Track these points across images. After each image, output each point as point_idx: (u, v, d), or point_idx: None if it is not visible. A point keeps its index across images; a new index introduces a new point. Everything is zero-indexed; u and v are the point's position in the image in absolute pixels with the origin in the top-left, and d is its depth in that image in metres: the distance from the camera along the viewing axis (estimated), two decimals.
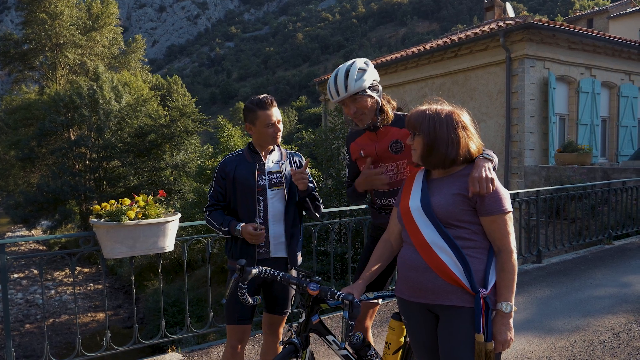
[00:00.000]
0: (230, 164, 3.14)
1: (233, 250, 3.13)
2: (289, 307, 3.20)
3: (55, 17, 35.97)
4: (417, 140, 2.32)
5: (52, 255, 5.49)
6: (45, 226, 33.25)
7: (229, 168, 3.13)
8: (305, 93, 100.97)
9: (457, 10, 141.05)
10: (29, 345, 16.63)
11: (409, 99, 17.58)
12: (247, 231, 2.98)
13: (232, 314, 3.09)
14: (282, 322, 3.23)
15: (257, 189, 3.07)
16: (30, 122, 32.43)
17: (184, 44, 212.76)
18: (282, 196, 3.14)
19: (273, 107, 3.07)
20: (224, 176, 3.14)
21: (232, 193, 3.13)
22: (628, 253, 8.01)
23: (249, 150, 3.19)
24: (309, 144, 18.70)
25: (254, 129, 3.10)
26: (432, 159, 2.29)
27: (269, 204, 3.10)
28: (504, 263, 2.20)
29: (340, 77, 2.80)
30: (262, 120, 3.04)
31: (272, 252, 3.10)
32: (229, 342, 3.13)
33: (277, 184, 3.13)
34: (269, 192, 3.11)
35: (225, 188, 3.15)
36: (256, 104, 3.06)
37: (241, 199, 3.10)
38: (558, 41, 14.99)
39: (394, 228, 2.54)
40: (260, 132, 3.08)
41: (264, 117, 3.04)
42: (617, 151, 17.34)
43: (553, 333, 4.72)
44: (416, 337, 2.42)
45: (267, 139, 3.10)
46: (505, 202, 2.22)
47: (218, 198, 3.18)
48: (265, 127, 3.05)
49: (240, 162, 3.14)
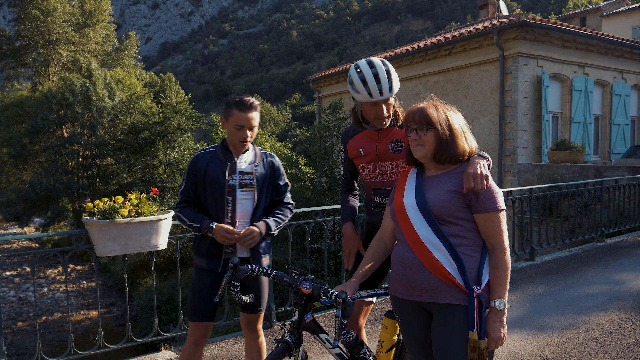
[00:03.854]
0: (202, 160, 3.07)
1: (200, 248, 3.09)
2: (264, 304, 3.19)
3: (48, 13, 35.73)
4: (430, 135, 2.29)
5: (44, 253, 5.47)
6: (37, 224, 33.07)
7: (200, 164, 3.06)
8: (299, 90, 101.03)
9: (451, 8, 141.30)
10: (21, 343, 16.55)
11: (403, 97, 17.58)
12: (222, 230, 2.93)
13: (195, 311, 3.08)
14: (259, 319, 3.21)
15: (226, 189, 3.03)
16: (22, 119, 32.25)
17: (178, 41, 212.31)
18: (252, 198, 3.09)
19: (251, 112, 2.99)
20: (195, 172, 3.07)
21: (203, 190, 3.07)
22: (620, 251, 8.04)
23: (222, 148, 3.13)
24: (303, 141, 18.67)
25: (226, 125, 3.05)
26: (447, 152, 2.28)
27: (238, 205, 3.05)
28: (497, 260, 2.20)
29: (383, 77, 2.72)
30: (234, 120, 2.98)
31: (238, 252, 3.08)
32: (191, 338, 3.11)
33: (248, 186, 3.07)
34: (239, 193, 3.06)
35: (196, 184, 3.09)
36: (235, 103, 2.99)
37: (211, 197, 3.05)
38: (551, 39, 15.04)
39: (387, 226, 2.54)
40: (230, 132, 3.03)
41: (237, 117, 2.97)
42: (610, 149, 17.42)
43: (546, 330, 4.73)
44: (410, 335, 2.42)
45: (234, 139, 3.03)
46: (499, 199, 2.23)
47: (189, 194, 3.11)
48: (236, 128, 2.99)
49: (212, 159, 3.08)
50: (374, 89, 2.73)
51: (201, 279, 3.09)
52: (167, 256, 21.07)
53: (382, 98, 2.75)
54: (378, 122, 2.87)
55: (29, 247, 30.87)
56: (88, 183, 30.29)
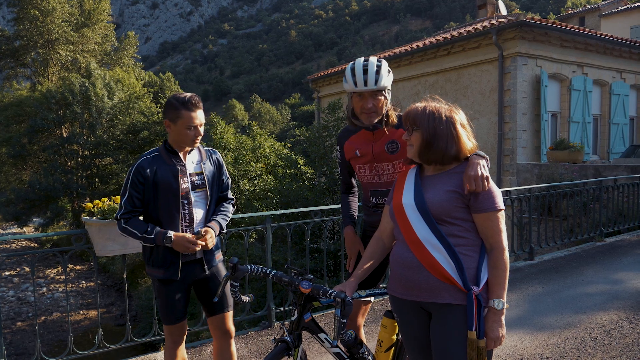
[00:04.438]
0: (149, 166, 2.92)
1: (154, 258, 2.99)
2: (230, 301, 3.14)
3: (47, 13, 35.69)
4: (415, 136, 2.32)
5: (44, 253, 5.47)
6: (37, 223, 33.07)
7: (147, 171, 2.90)
8: (298, 90, 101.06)
9: (450, 7, 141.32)
10: (20, 343, 16.55)
11: (402, 97, 17.60)
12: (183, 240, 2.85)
13: (169, 316, 3.04)
14: (230, 317, 3.18)
15: (180, 193, 2.95)
16: (21, 119, 32.20)
17: (177, 40, 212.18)
18: (204, 197, 3.07)
19: (198, 110, 2.93)
20: (141, 180, 2.90)
21: (153, 198, 2.94)
22: (619, 250, 8.05)
23: (165, 151, 3.00)
24: (302, 141, 18.66)
25: (173, 127, 2.93)
26: (431, 154, 2.29)
27: (194, 208, 3.02)
28: (496, 260, 2.21)
29: (371, 69, 2.77)
30: (184, 121, 2.89)
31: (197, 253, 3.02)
32: (170, 338, 3.09)
33: (200, 186, 3.04)
34: (193, 195, 3.01)
35: (143, 193, 2.93)
36: (181, 103, 2.89)
37: (164, 204, 2.93)
38: (550, 39, 15.04)
39: (385, 226, 2.55)
40: (180, 133, 2.92)
41: (187, 118, 2.89)
42: (609, 149, 17.43)
43: (545, 330, 4.74)
44: (409, 335, 2.43)
45: (186, 140, 2.95)
46: (498, 199, 2.24)
47: (134, 204, 2.92)
48: (186, 128, 2.90)
49: (158, 164, 2.94)
50: (359, 78, 2.78)
51: (162, 289, 3.02)
52: None
53: (366, 89, 2.78)
54: (364, 116, 2.88)
55: (27, 247, 30.88)
56: (87, 183, 30.32)
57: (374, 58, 2.83)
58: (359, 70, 2.78)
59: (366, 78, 2.77)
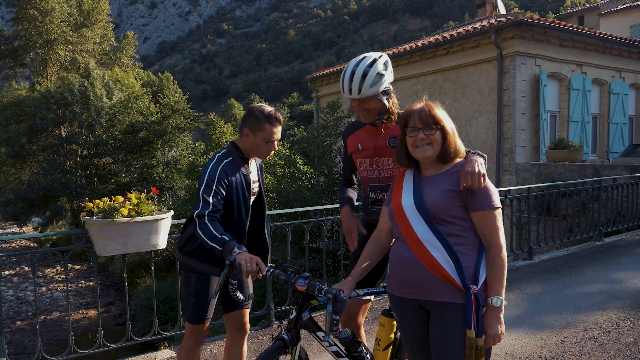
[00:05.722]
0: (231, 172, 2.85)
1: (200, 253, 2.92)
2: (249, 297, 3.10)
3: (46, 13, 35.68)
4: (438, 134, 2.31)
5: (44, 253, 5.48)
6: (36, 223, 33.07)
7: (230, 175, 2.84)
8: (297, 90, 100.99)
9: (448, 7, 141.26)
10: (20, 342, 16.55)
11: (401, 96, 17.39)
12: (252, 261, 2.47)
13: (202, 314, 2.99)
14: (247, 314, 3.17)
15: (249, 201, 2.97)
16: (20, 118, 32.18)
17: (176, 40, 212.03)
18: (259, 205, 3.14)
19: (280, 125, 2.93)
20: (226, 182, 2.81)
21: (227, 203, 2.87)
22: (618, 250, 8.06)
23: (239, 157, 2.96)
24: (301, 141, 18.64)
25: (251, 137, 2.90)
26: (449, 151, 2.32)
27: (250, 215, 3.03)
28: (494, 258, 2.23)
29: (356, 78, 2.74)
30: (265, 134, 2.87)
31: None
32: (193, 338, 3.04)
33: (257, 194, 3.07)
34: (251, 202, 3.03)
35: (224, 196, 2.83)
36: (266, 116, 2.86)
37: (236, 210, 2.90)
38: (549, 38, 15.05)
39: (384, 225, 2.56)
40: (257, 145, 2.91)
41: (268, 131, 2.87)
42: (608, 148, 17.44)
43: (544, 329, 4.75)
44: (408, 333, 2.44)
45: (260, 152, 2.96)
46: (494, 197, 2.26)
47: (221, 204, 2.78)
48: (265, 141, 2.89)
49: (234, 169, 2.89)
50: (346, 87, 2.79)
51: (203, 285, 2.97)
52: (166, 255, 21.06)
53: (350, 96, 2.80)
54: (361, 116, 2.92)
55: (27, 246, 30.85)
56: (86, 182, 30.30)
57: (368, 60, 2.79)
58: (347, 76, 2.77)
59: (351, 87, 2.77)
